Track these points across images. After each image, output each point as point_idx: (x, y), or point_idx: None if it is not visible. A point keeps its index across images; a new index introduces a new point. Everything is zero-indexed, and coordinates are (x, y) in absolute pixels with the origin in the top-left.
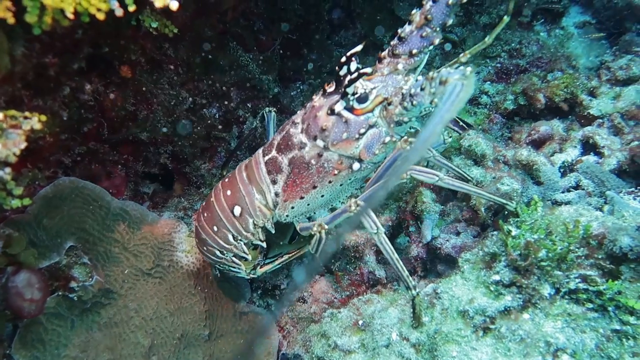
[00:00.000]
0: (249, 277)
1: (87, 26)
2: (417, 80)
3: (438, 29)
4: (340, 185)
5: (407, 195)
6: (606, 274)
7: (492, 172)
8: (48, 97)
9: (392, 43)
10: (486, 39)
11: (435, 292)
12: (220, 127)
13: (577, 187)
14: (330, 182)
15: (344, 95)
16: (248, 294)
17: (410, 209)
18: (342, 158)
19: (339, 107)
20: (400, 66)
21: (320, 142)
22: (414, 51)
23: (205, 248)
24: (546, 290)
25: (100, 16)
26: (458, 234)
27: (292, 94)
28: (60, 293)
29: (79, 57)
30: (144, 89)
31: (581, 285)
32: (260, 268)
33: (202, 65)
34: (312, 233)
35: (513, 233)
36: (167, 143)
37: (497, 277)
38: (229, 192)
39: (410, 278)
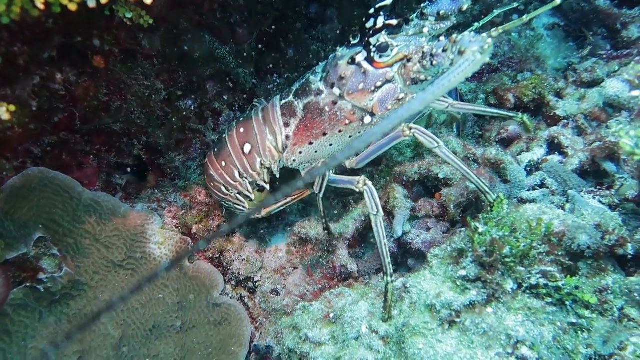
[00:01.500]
0: (254, 217)
1: (59, 15)
2: (439, 41)
3: None
4: (350, 137)
5: (380, 192)
6: (565, 270)
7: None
8: (17, 87)
9: (422, 5)
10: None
11: (405, 287)
12: (195, 119)
13: (542, 185)
14: (340, 131)
15: (367, 46)
16: (221, 285)
17: (383, 205)
18: (355, 109)
19: (360, 57)
20: (426, 29)
21: (336, 90)
22: (442, 12)
23: (212, 184)
24: (509, 285)
25: (72, 7)
26: (428, 229)
27: (269, 87)
28: (28, 284)
29: (50, 46)
30: (117, 79)
31: (542, 281)
32: (264, 209)
33: (178, 56)
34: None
35: (480, 230)
36: (141, 134)
37: (463, 272)
38: (242, 130)
39: (391, 266)
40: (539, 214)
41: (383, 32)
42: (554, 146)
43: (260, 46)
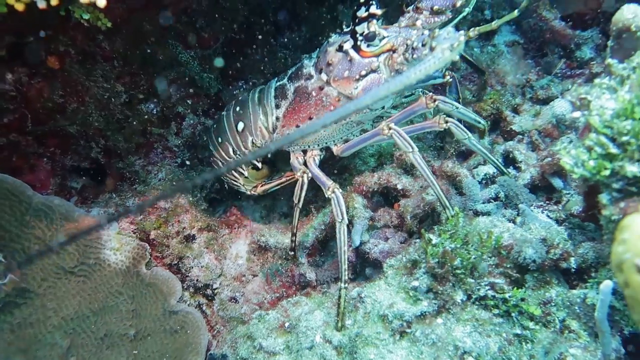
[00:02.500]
0: (250, 194)
1: (7, 15)
2: (422, 35)
3: None
4: (335, 123)
5: None
6: (513, 282)
7: (420, 181)
8: None
9: None
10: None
11: (360, 296)
12: (157, 122)
13: (496, 198)
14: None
15: (354, 34)
16: (179, 292)
17: None
18: (341, 96)
19: (347, 45)
20: (419, 22)
21: (324, 76)
22: (436, 7)
23: (211, 159)
24: (459, 296)
25: (19, 7)
26: (387, 239)
27: (234, 92)
28: None
29: None
30: (74, 80)
31: (490, 293)
32: (261, 186)
33: (140, 59)
34: (297, 177)
35: (433, 241)
36: (99, 137)
37: (416, 283)
38: (238, 108)
39: (347, 273)
40: (490, 227)
41: (374, 21)
42: (509, 160)
43: (227, 50)
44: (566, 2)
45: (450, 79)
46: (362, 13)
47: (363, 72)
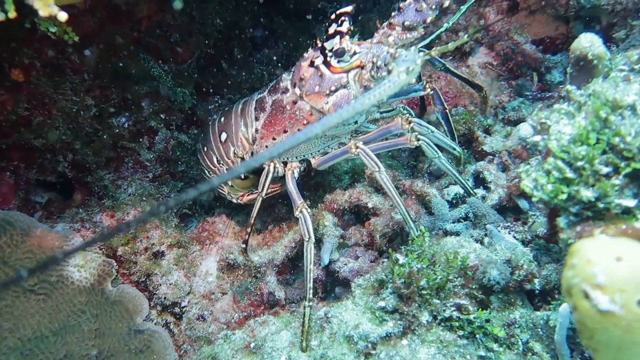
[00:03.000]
0: (236, 202)
1: None
2: (386, 53)
3: (434, 6)
4: (304, 143)
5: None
6: (478, 303)
7: (390, 200)
8: None
9: (392, 13)
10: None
11: (326, 316)
12: (129, 136)
13: (466, 218)
14: (299, 130)
15: (322, 50)
16: (146, 310)
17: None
18: (313, 110)
19: (318, 61)
20: (391, 38)
21: (297, 90)
22: (407, 23)
23: (199, 166)
24: (425, 317)
25: None
26: (357, 258)
27: (209, 107)
28: None
29: None
30: (41, 93)
31: (455, 314)
32: (246, 196)
33: (111, 72)
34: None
35: (400, 261)
36: (67, 150)
37: (382, 304)
38: (223, 119)
39: (311, 291)
40: (458, 247)
41: (347, 37)
42: (479, 180)
43: (203, 65)
44: (537, 26)
45: (431, 92)
46: (333, 29)
47: (333, 88)
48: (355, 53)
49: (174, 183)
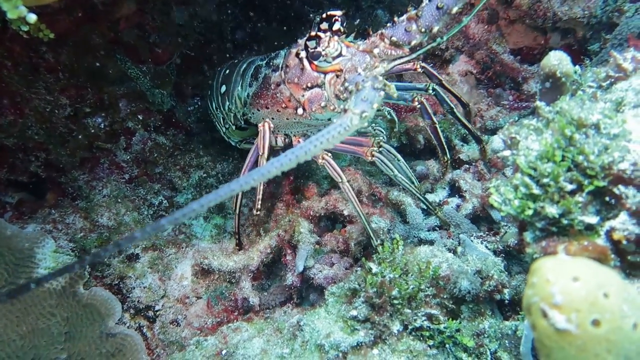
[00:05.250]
0: (234, 145)
1: None
2: (357, 75)
3: (423, 29)
4: (287, 119)
5: (287, 225)
6: (449, 313)
7: (366, 208)
8: None
9: (387, 24)
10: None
11: (299, 324)
12: (105, 137)
13: (441, 227)
14: (278, 111)
15: (306, 47)
16: (118, 314)
17: (288, 239)
18: (292, 97)
19: (303, 54)
20: (376, 50)
21: (282, 74)
22: (394, 39)
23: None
24: (396, 327)
25: None
26: (332, 265)
27: (189, 109)
28: None
29: None
30: (12, 92)
31: (426, 323)
32: (244, 143)
33: (87, 72)
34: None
35: (373, 270)
36: (40, 150)
37: (354, 313)
38: (227, 72)
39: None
40: (430, 257)
41: (339, 42)
42: (455, 189)
43: (183, 66)
44: (516, 35)
45: (419, 105)
46: (325, 26)
47: (309, 84)
48: (339, 56)
49: (151, 185)
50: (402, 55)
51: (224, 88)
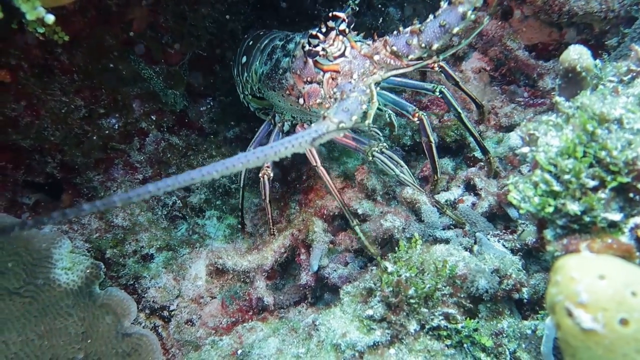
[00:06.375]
0: (253, 111)
1: None
2: (350, 83)
3: (423, 45)
4: (290, 105)
5: (300, 224)
6: (466, 312)
7: (380, 206)
8: None
9: (394, 32)
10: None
11: (314, 324)
12: (119, 138)
13: (456, 225)
14: (283, 96)
15: (308, 43)
16: (134, 314)
17: (303, 238)
18: (295, 87)
19: (305, 49)
20: (377, 57)
21: (290, 62)
22: (394, 49)
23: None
24: (412, 326)
25: None
26: (346, 264)
27: (201, 109)
28: None
29: None
30: (29, 94)
31: (443, 323)
32: (262, 112)
33: (101, 73)
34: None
35: (389, 269)
36: (55, 151)
37: (370, 312)
38: (251, 43)
39: None
40: (446, 255)
41: (344, 41)
42: (470, 187)
43: (195, 67)
44: (531, 32)
45: (418, 121)
46: (331, 24)
47: (309, 79)
48: (341, 56)
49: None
50: (399, 66)
51: (244, 59)
